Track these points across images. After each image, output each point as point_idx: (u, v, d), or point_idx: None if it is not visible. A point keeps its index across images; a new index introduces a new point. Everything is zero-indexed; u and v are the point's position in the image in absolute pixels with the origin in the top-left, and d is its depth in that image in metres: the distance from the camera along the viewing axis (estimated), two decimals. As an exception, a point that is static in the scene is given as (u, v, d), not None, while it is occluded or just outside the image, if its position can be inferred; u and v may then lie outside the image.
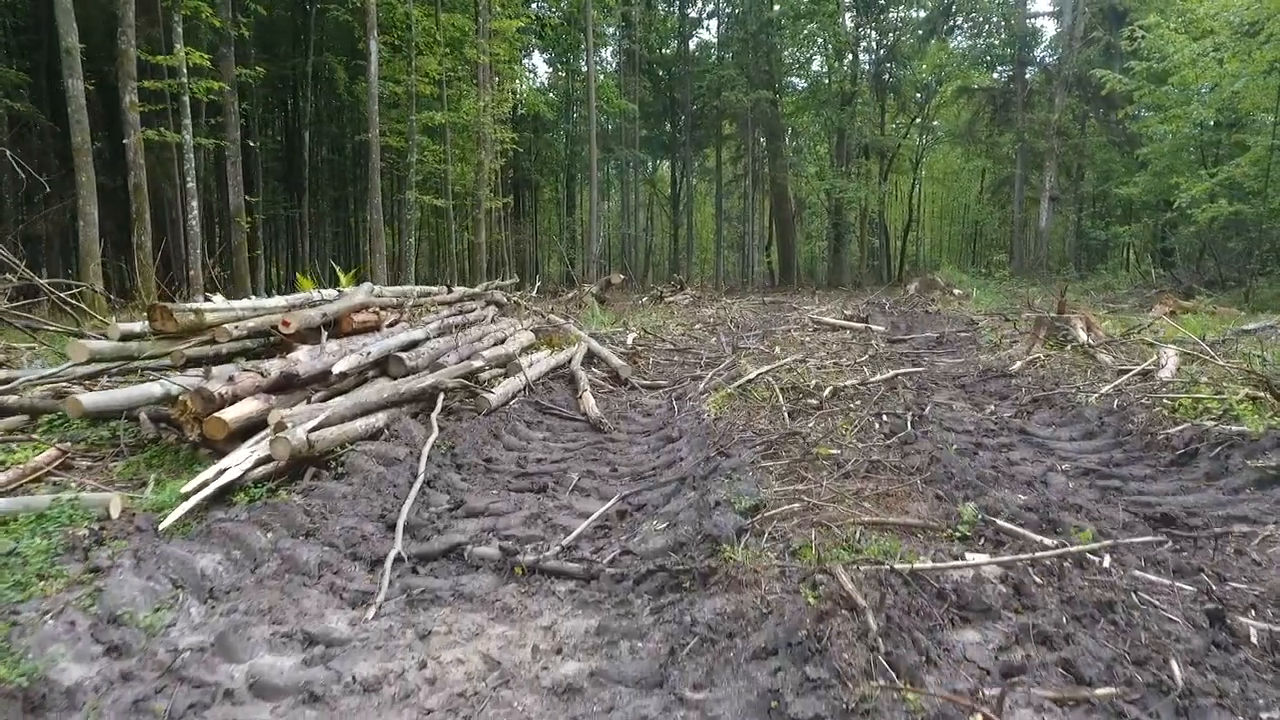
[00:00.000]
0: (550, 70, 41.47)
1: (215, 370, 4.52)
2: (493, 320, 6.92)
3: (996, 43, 28.36)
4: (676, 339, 8.93)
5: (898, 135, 39.54)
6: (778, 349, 7.33)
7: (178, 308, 4.75)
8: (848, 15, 30.86)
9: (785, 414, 4.42)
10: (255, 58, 23.91)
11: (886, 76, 33.59)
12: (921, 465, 3.84)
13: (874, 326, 9.97)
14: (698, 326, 10.87)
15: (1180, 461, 4.15)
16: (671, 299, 19.21)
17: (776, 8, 32.46)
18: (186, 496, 3.43)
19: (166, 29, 9.66)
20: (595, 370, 6.41)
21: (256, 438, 3.98)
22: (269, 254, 30.29)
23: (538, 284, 12.14)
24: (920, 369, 6.05)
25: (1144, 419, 4.62)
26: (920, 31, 29.15)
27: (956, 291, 17.49)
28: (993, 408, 5.11)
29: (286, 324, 4.82)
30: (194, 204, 8.82)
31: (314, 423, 4.02)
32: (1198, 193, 12.78)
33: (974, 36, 28.82)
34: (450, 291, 7.39)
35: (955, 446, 4.26)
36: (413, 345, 5.62)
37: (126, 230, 13.05)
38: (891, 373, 4.81)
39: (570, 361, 6.34)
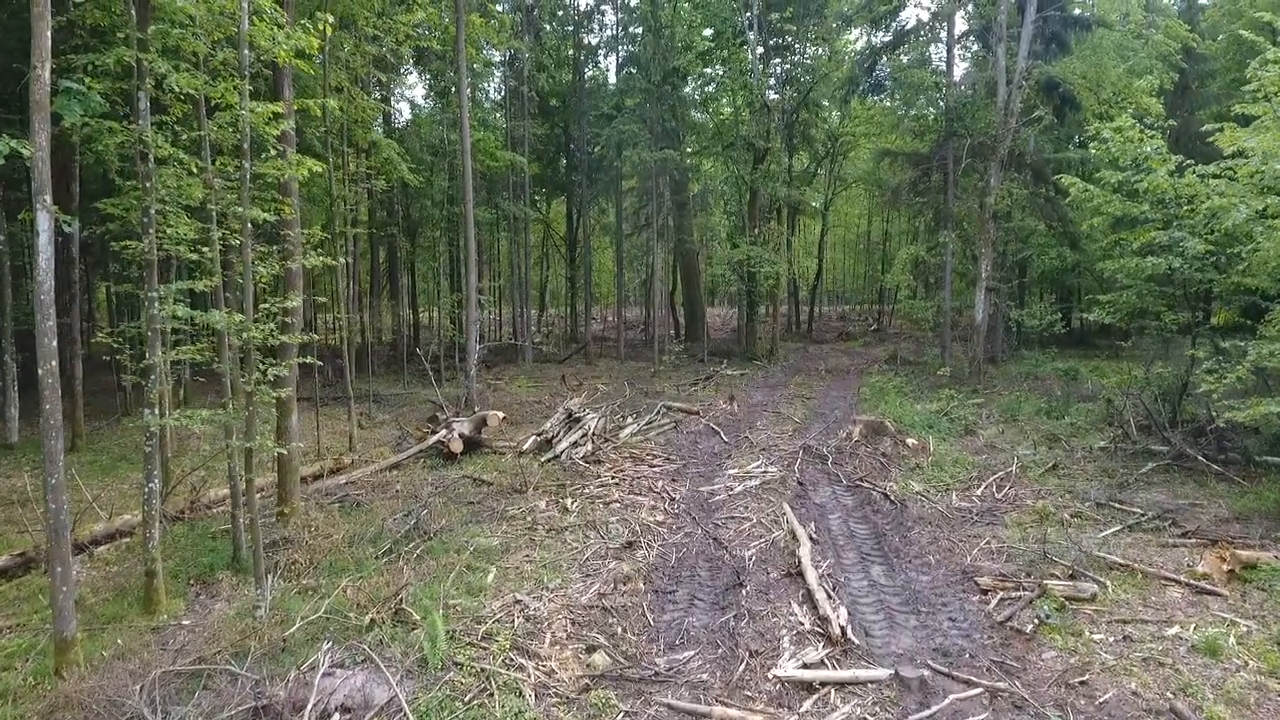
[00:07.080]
0: (429, 97, 36.83)
1: None
2: None
3: (920, 108, 26.07)
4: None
5: (805, 179, 37.24)
6: None
7: None
8: (756, 52, 27.70)
9: None
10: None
11: (797, 121, 30.96)
12: None
13: (865, 674, 6.48)
14: (594, 612, 7.00)
15: None
16: (562, 441, 15.30)
17: (680, 45, 29.17)
18: None
19: None
20: None
21: None
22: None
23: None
24: None
25: None
26: (840, 91, 26.52)
27: (910, 443, 14.49)
28: None
29: None
30: None
31: None
32: (1230, 382, 10.08)
33: (902, 102, 26.43)
34: None
35: None
36: None
37: None
38: None
39: None
